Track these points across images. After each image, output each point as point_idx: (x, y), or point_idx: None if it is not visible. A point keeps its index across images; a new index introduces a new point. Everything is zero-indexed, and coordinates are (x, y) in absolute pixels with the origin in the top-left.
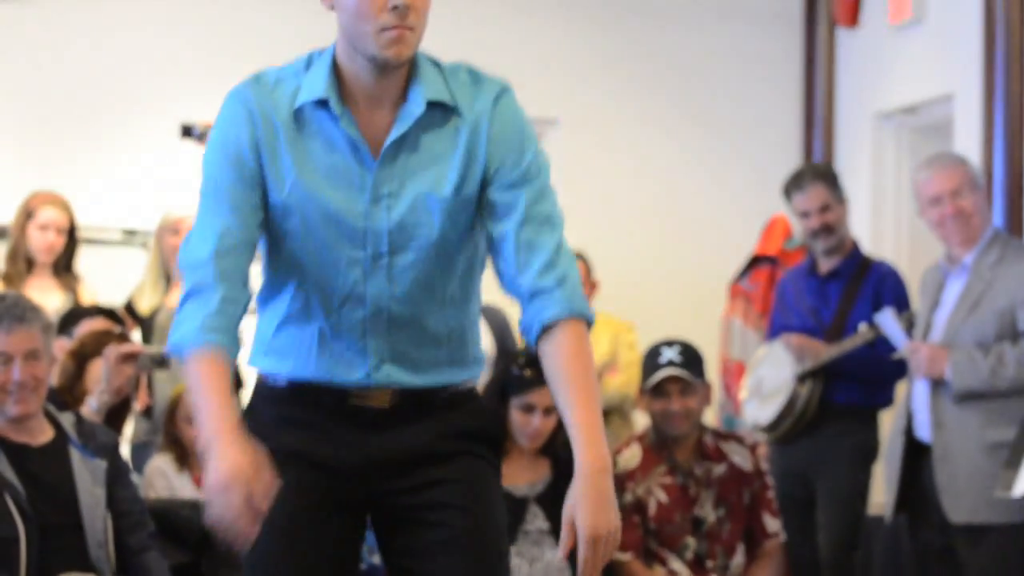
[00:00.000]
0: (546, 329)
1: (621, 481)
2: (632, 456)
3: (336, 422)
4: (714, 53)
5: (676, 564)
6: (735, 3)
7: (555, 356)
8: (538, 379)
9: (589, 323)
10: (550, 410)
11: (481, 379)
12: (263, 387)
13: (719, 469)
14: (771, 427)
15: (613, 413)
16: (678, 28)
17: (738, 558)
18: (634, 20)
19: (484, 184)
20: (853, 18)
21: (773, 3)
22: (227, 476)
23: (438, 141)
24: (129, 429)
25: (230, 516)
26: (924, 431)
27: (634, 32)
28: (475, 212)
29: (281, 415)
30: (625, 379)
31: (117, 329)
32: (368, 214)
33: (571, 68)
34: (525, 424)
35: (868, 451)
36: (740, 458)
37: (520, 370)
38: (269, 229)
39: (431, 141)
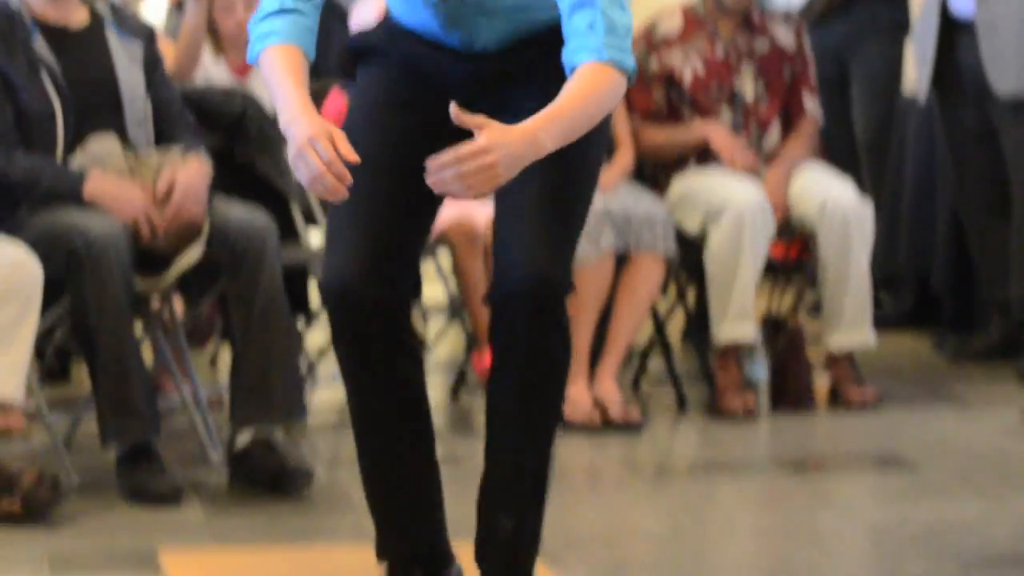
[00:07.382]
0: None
1: (657, 48)
2: (672, 24)
3: (446, 50)
4: None
5: None
6: None
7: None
8: None
9: (626, 73)
10: None
11: None
12: (388, 21)
13: (762, 44)
14: (805, 9)
15: None
16: None
17: (774, 135)
18: None
19: None
20: None
21: None
22: (303, 141)
23: None
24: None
25: (313, 174)
26: (963, 5)
27: None
28: None
29: (398, 32)
30: None
31: None
32: None
33: None
34: None
35: (900, 27)
36: (784, 35)
37: None
38: None
39: None
